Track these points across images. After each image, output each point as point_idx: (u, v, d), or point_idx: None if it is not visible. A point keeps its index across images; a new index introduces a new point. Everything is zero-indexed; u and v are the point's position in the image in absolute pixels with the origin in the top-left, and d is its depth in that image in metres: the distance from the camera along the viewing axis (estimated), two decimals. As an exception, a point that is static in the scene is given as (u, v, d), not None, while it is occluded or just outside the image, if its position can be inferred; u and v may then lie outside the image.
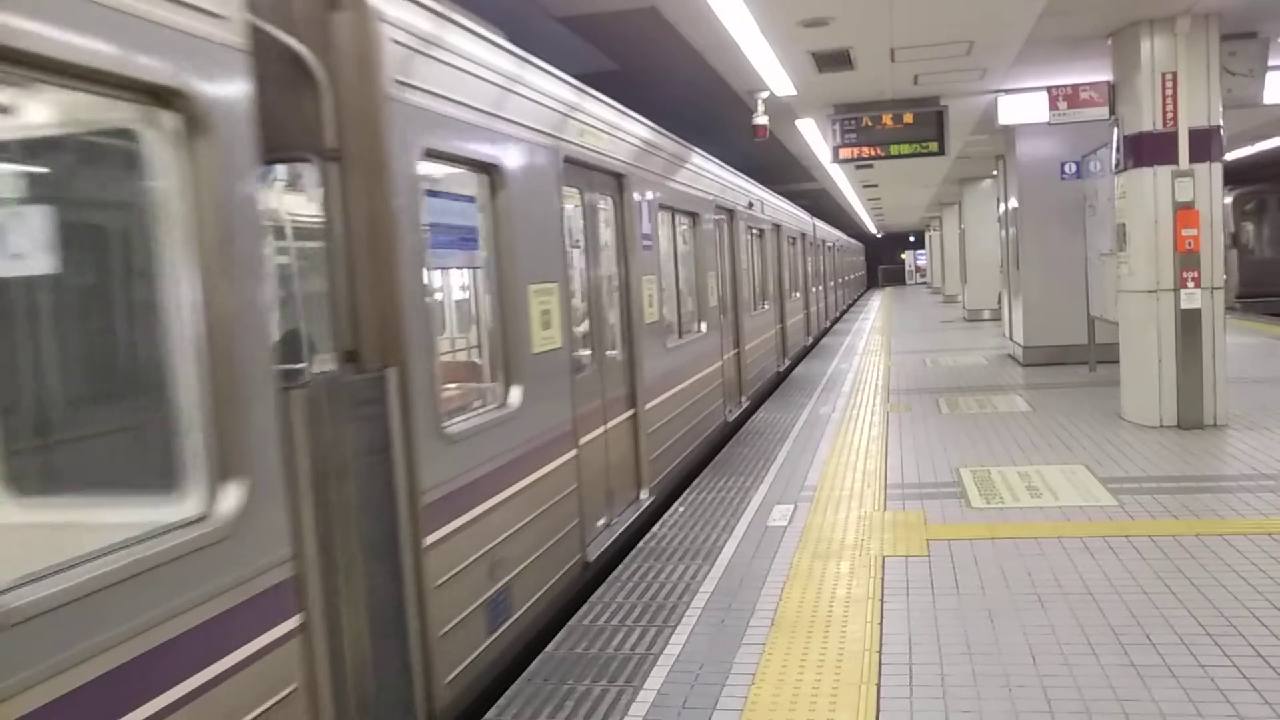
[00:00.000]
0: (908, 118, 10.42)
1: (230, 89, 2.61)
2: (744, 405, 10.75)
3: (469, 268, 4.48)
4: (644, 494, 6.54)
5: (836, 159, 10.79)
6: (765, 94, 9.72)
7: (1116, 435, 8.10)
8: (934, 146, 10.48)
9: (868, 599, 4.62)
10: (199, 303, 2.51)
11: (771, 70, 8.78)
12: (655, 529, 6.05)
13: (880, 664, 3.89)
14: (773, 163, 17.27)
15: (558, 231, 5.06)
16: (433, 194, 3.87)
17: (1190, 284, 8.02)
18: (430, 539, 3.56)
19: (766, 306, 13.09)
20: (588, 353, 5.63)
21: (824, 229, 24.73)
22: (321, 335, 3.36)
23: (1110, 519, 5.72)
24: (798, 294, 17.00)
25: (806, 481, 7.09)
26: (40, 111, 2.49)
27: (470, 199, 4.35)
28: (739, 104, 10.38)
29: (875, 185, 23.03)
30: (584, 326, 5.70)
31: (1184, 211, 8.00)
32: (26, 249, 2.57)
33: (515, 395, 4.42)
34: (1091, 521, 5.69)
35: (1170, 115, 8.05)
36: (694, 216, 8.75)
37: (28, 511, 1.95)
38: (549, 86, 5.10)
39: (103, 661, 2.09)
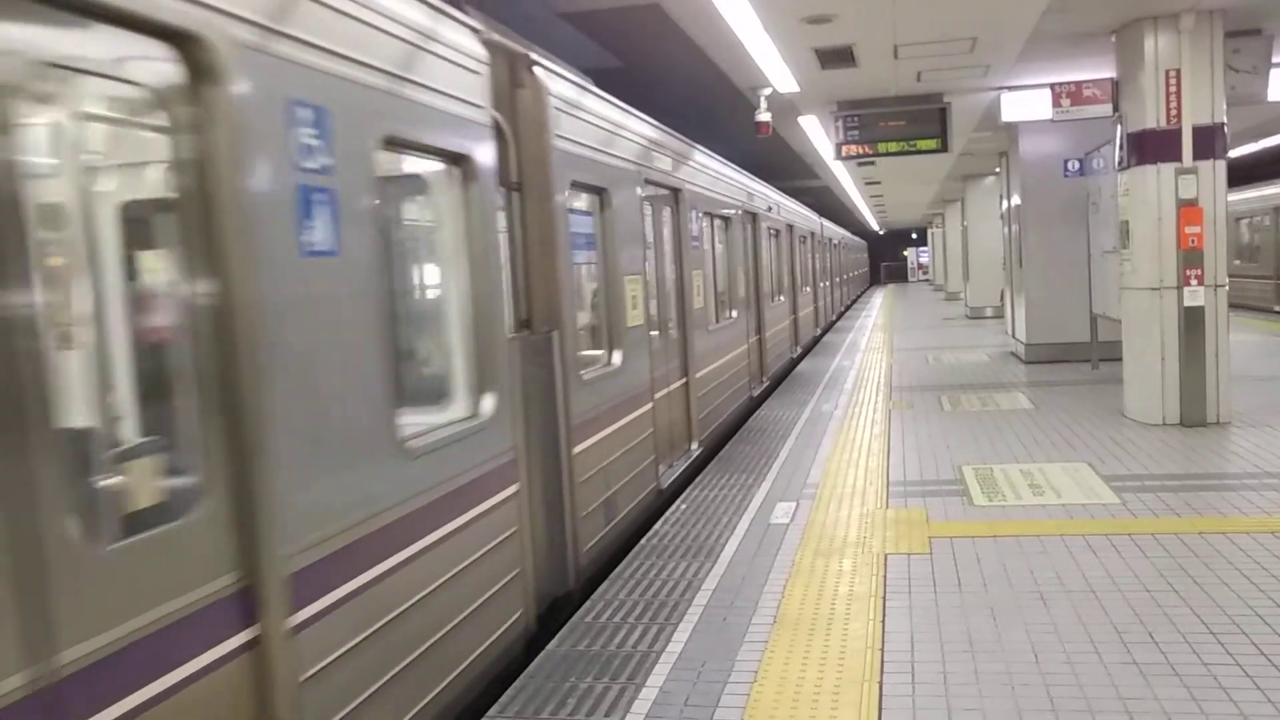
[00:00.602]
0: (910, 115, 10.40)
1: (485, 151, 4.20)
2: (765, 384, 12.33)
3: (589, 264, 5.95)
4: (694, 445, 8.13)
5: (839, 156, 10.77)
6: (768, 91, 9.70)
7: (1119, 433, 8.09)
8: (937, 144, 10.44)
9: (870, 596, 4.62)
10: (469, 283, 4.08)
11: (774, 67, 8.76)
12: (657, 526, 6.06)
13: (882, 662, 3.89)
14: (776, 159, 17.25)
15: (640, 236, 6.73)
16: (571, 210, 5.31)
17: (1193, 281, 8.01)
18: (576, 450, 5.15)
19: (782, 299, 14.61)
20: (656, 331, 7.26)
21: (830, 228, 25.98)
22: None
23: (1113, 517, 5.71)
24: (808, 288, 18.53)
25: (809, 479, 7.09)
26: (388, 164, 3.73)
27: (589, 213, 5.87)
28: (742, 100, 10.37)
29: (878, 182, 23.00)
30: (653, 309, 7.18)
31: (1187, 209, 7.98)
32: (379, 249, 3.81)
33: (617, 357, 6.03)
34: (1094, 519, 5.68)
35: (1174, 112, 8.03)
36: (727, 220, 10.39)
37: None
38: (636, 126, 6.87)
39: (440, 489, 3.62)
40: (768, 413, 10.23)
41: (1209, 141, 8.02)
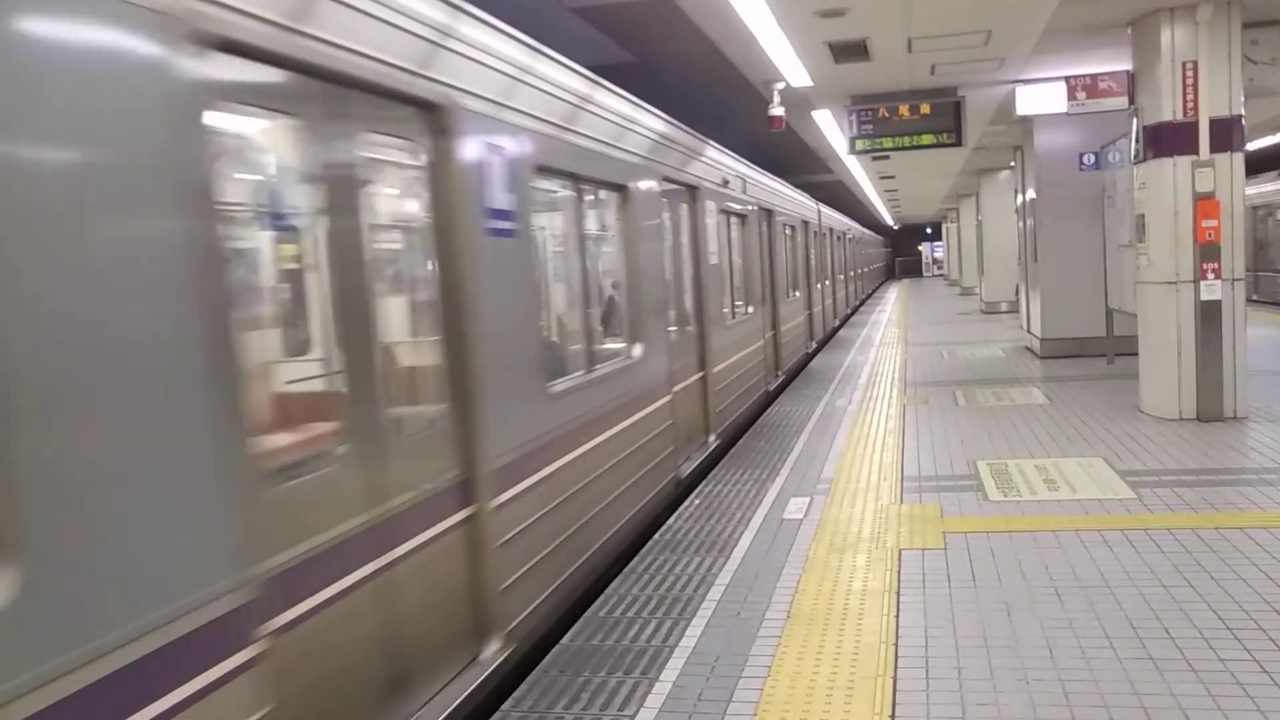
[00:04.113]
0: (925, 109, 10.34)
1: (817, 229, 18.22)
2: (836, 323, 21.47)
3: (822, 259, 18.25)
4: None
5: (853, 150, 10.74)
6: (781, 85, 9.66)
7: (1135, 428, 8.05)
8: (951, 137, 10.40)
9: (884, 592, 4.61)
10: (822, 265, 18.79)
11: (788, 61, 8.73)
12: (670, 521, 6.07)
13: (896, 657, 3.89)
14: (789, 154, 17.21)
15: (828, 248, 20.40)
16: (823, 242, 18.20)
17: (1210, 275, 7.95)
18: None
19: (827, 283, 21.32)
20: (820, 284, 18.33)
21: (863, 230, 35.42)
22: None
23: (1128, 512, 5.69)
24: (841, 276, 24.65)
25: (823, 474, 7.08)
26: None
27: (827, 242, 19.94)
28: (755, 95, 10.34)
29: (892, 176, 22.90)
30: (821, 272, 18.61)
31: (1204, 202, 7.92)
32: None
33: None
34: (1109, 514, 5.66)
35: (1191, 105, 7.97)
36: (840, 236, 19.32)
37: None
38: (830, 211, 20.97)
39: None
40: (781, 409, 10.21)
41: (1226, 134, 7.95)
